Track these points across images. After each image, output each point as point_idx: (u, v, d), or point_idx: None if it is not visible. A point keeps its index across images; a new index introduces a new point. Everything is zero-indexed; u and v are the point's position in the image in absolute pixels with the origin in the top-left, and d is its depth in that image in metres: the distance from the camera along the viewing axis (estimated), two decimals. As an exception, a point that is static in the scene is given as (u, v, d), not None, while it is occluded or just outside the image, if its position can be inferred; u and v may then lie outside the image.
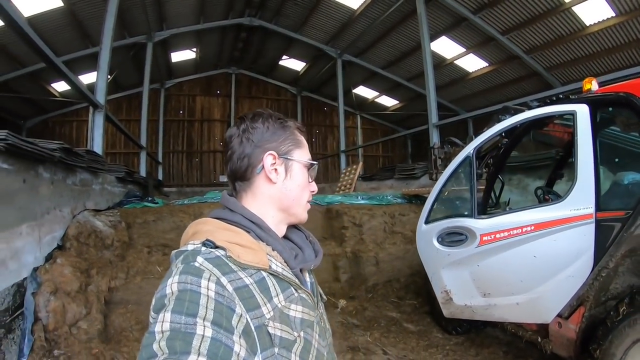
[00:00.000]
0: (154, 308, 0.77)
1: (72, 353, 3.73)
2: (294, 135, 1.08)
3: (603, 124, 3.13)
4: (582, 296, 2.94)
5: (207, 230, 0.93)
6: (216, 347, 0.68)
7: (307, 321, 0.96)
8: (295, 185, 1.06)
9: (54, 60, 5.55)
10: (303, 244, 1.14)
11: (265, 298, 0.87)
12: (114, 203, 7.35)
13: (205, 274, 0.79)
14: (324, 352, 1.02)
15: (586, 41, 11.14)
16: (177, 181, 18.11)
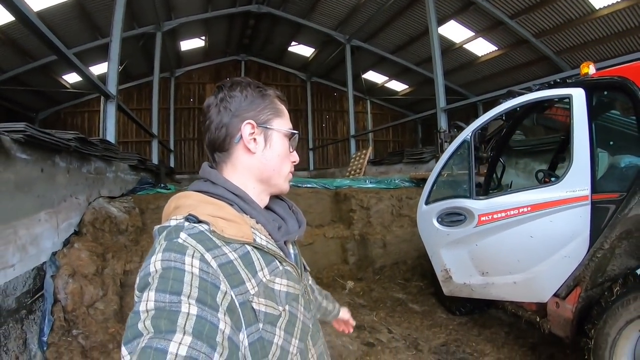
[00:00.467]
0: (138, 287, 0.76)
1: (89, 332, 3.88)
2: (273, 104, 1.05)
3: (599, 108, 3.16)
4: (578, 277, 3.02)
5: (190, 204, 0.91)
6: (201, 325, 0.68)
7: (292, 294, 0.95)
8: (275, 155, 1.03)
9: (66, 53, 5.65)
10: (286, 214, 1.12)
11: (250, 273, 0.86)
12: (127, 190, 7.49)
13: (189, 250, 0.78)
14: (309, 323, 1.01)
15: (596, 25, 10.96)
16: (189, 168, 18.26)
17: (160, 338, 0.63)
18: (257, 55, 19.35)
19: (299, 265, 1.08)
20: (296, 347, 0.92)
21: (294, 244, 1.13)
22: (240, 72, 19.34)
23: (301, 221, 1.14)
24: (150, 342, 0.63)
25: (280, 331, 0.88)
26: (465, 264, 3.79)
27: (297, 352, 0.92)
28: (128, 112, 9.57)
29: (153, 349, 0.62)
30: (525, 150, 7.36)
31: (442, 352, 4.05)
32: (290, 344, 0.91)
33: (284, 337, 0.89)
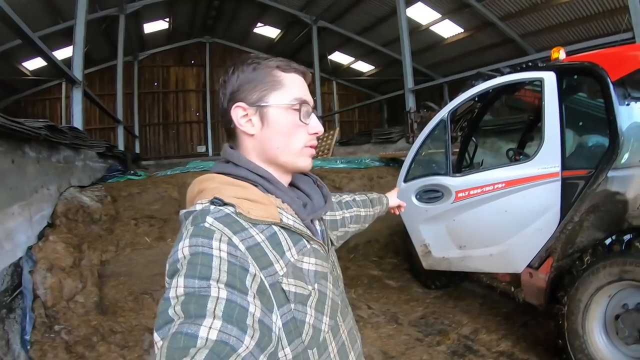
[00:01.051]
0: (167, 273, 0.76)
1: (72, 327, 3.82)
2: (268, 77, 0.98)
3: (568, 91, 3.32)
4: (550, 248, 3.22)
5: (214, 187, 0.90)
6: (231, 309, 0.67)
7: (320, 273, 0.94)
8: (275, 132, 0.97)
9: (31, 37, 5.42)
10: (311, 190, 1.10)
11: (278, 254, 0.85)
12: (96, 178, 7.35)
13: (216, 234, 0.77)
14: (338, 300, 1.00)
15: (560, 10, 11.33)
16: (155, 154, 17.91)
17: (190, 323, 0.64)
18: (222, 37, 18.97)
19: (326, 242, 1.07)
20: (327, 324, 0.92)
21: (320, 220, 1.12)
22: (204, 54, 18.97)
23: (327, 195, 1.13)
24: (180, 328, 0.63)
25: (311, 310, 0.88)
26: (444, 239, 3.96)
27: (328, 330, 0.92)
28: (94, 98, 9.27)
29: (184, 334, 0.62)
30: (492, 129, 7.62)
31: (422, 325, 4.24)
32: (321, 322, 0.90)
33: (315, 316, 0.89)
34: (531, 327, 3.91)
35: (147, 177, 8.14)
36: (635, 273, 2.59)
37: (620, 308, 2.77)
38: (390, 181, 8.27)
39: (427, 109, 9.17)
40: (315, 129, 1.03)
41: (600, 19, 10.95)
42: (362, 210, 1.55)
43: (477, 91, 3.75)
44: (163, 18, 15.68)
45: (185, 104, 19.07)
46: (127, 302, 4.52)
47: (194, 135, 19.33)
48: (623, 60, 2.86)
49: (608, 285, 2.76)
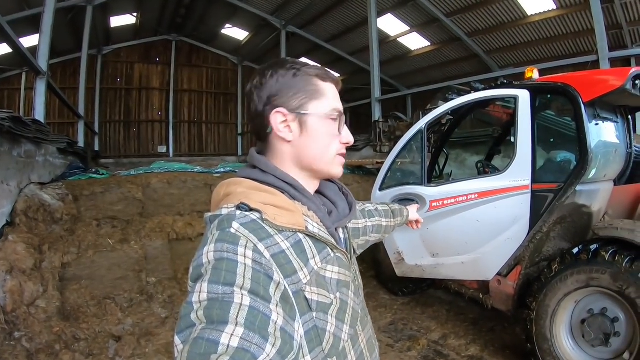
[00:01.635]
0: (191, 277, 0.76)
1: (33, 334, 3.69)
2: (309, 86, 0.98)
3: (541, 109, 3.54)
4: (519, 257, 3.40)
5: (241, 192, 0.90)
6: (254, 316, 0.67)
7: (343, 282, 0.94)
8: (313, 141, 0.98)
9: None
10: (336, 197, 1.10)
11: (302, 262, 0.85)
12: (56, 175, 7.04)
13: (242, 240, 0.77)
14: (358, 309, 1.00)
15: (526, 29, 11.72)
16: (115, 152, 17.23)
17: (212, 329, 0.64)
18: (189, 36, 18.56)
19: (348, 250, 1.08)
20: (347, 333, 0.92)
21: (344, 228, 1.12)
22: (170, 52, 18.50)
23: (352, 203, 1.13)
24: (202, 333, 0.64)
25: (332, 319, 0.88)
26: (417, 247, 4.09)
27: (348, 339, 0.93)
28: (57, 90, 8.87)
29: (205, 339, 0.63)
30: (458, 141, 7.89)
31: (392, 331, 4.35)
32: (342, 331, 0.91)
33: (336, 325, 0.89)
34: (498, 332, 4.09)
35: (110, 176, 7.87)
36: (601, 280, 2.80)
37: (586, 313, 2.98)
38: (356, 188, 8.38)
39: (396, 119, 9.41)
40: (346, 139, 1.05)
41: (565, 40, 11.47)
42: (383, 220, 1.55)
43: (455, 104, 3.90)
44: (131, 12, 15.16)
45: (148, 102, 18.48)
46: (89, 308, 4.41)
47: (155, 134, 18.76)
48: (594, 83, 3.07)
49: (575, 292, 2.97)
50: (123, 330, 4.20)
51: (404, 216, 1.74)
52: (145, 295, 4.96)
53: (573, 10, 10.29)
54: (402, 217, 1.72)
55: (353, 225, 1.34)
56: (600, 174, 3.35)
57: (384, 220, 1.56)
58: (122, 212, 6.45)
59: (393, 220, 1.63)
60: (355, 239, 1.34)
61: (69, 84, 14.94)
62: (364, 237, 1.42)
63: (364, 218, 1.44)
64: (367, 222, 1.45)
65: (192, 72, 19.47)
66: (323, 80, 1.01)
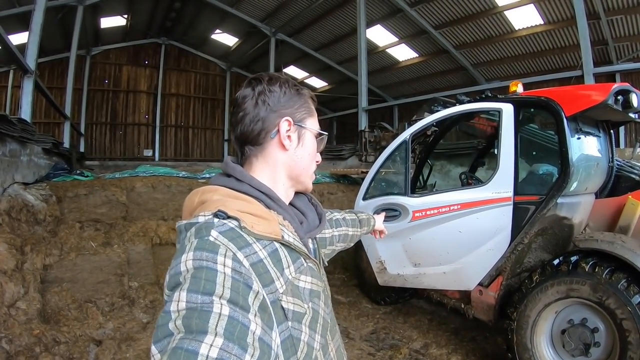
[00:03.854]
0: (168, 285, 0.75)
1: (13, 335, 3.63)
2: (307, 104, 1.06)
3: (524, 122, 3.62)
4: (500, 267, 3.46)
5: (217, 199, 0.89)
6: (233, 326, 0.67)
7: (315, 292, 0.95)
8: (306, 154, 1.05)
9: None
10: (306, 208, 1.13)
11: (278, 271, 0.85)
12: (40, 176, 6.98)
13: (221, 249, 0.77)
14: (328, 319, 1.01)
15: (513, 43, 11.98)
16: (100, 154, 17.03)
17: (191, 339, 0.63)
18: (179, 40, 18.55)
19: (319, 260, 1.10)
20: (319, 342, 0.93)
21: (314, 238, 1.14)
22: (159, 55, 18.45)
23: (321, 214, 1.15)
24: (181, 343, 0.63)
25: (305, 328, 0.89)
26: (399, 256, 4.12)
27: (319, 348, 0.93)
28: (45, 90, 8.76)
29: (184, 350, 0.62)
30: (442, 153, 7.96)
31: (373, 340, 4.35)
32: (314, 340, 0.91)
33: (309, 334, 0.90)
34: (479, 342, 4.13)
35: (94, 178, 7.80)
36: (581, 291, 2.86)
37: (567, 323, 3.03)
38: (341, 197, 8.42)
39: (382, 129, 9.47)
40: (319, 159, 1.13)
41: (551, 55, 11.70)
42: (350, 229, 1.59)
43: (440, 116, 3.95)
44: (121, 14, 15.07)
45: (135, 104, 18.36)
46: (70, 311, 4.34)
47: (141, 138, 18.62)
48: (577, 98, 3.16)
49: (555, 302, 3.02)
50: (104, 335, 4.14)
51: (371, 225, 1.80)
52: (126, 300, 4.89)
53: (560, 26, 10.55)
54: (368, 226, 1.77)
55: (320, 235, 1.36)
56: (582, 187, 3.43)
57: (351, 229, 1.60)
58: (106, 215, 6.39)
59: (360, 230, 1.68)
60: (322, 249, 1.36)
61: (57, 83, 14.79)
62: (330, 246, 1.47)
63: (331, 228, 1.49)
64: (334, 232, 1.49)
65: (180, 76, 19.45)
66: (313, 102, 1.09)
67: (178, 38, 18.38)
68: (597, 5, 9.08)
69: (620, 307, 2.70)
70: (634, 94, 3.14)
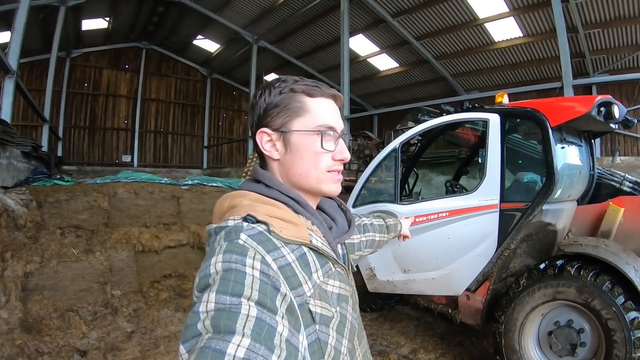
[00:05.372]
0: (197, 287, 0.76)
1: (-6, 346, 3.54)
2: (294, 103, 0.98)
3: (510, 132, 3.73)
4: (487, 272, 3.55)
5: (246, 204, 0.91)
6: (260, 328, 0.68)
7: (343, 296, 0.96)
8: (297, 159, 0.99)
9: None
10: (335, 213, 1.12)
11: (306, 275, 0.87)
12: (19, 180, 6.78)
13: (250, 252, 0.78)
14: (355, 324, 1.02)
15: (493, 55, 12.27)
16: (78, 159, 16.64)
17: (219, 339, 0.64)
18: (160, 45, 18.37)
19: (347, 265, 1.10)
20: (346, 347, 0.94)
21: (343, 243, 1.14)
22: (140, 60, 18.22)
23: (350, 219, 1.15)
24: (209, 343, 0.64)
25: (333, 332, 0.89)
26: (389, 263, 4.18)
27: (347, 352, 0.94)
28: (25, 91, 8.54)
29: (212, 349, 0.63)
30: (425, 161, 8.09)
31: (361, 345, 4.37)
32: (341, 345, 0.92)
33: (337, 338, 0.91)
34: (466, 346, 4.21)
35: (75, 183, 7.63)
36: (567, 293, 2.98)
37: (553, 325, 3.13)
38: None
39: (365, 138, 9.59)
40: (341, 155, 1.03)
41: (530, 67, 12.04)
42: (377, 235, 1.59)
43: (429, 125, 4.05)
44: (104, 16, 14.90)
45: (114, 109, 18.02)
46: (52, 320, 4.29)
47: (120, 143, 18.29)
48: (562, 109, 3.29)
49: (542, 305, 3.13)
50: (88, 345, 4.06)
51: (398, 231, 1.79)
52: (110, 309, 4.82)
53: (539, 39, 10.86)
54: (395, 231, 1.77)
55: (349, 241, 1.36)
56: (565, 194, 3.56)
57: (378, 235, 1.60)
58: (87, 222, 6.25)
59: (387, 235, 1.68)
60: (351, 254, 1.36)
61: (36, 85, 14.40)
62: (358, 252, 1.47)
63: (359, 233, 1.49)
64: (362, 237, 1.49)
65: (161, 81, 19.25)
66: (311, 96, 1.00)
67: (159, 43, 18.21)
68: (575, 19, 9.41)
69: (605, 308, 2.82)
70: (615, 105, 3.29)
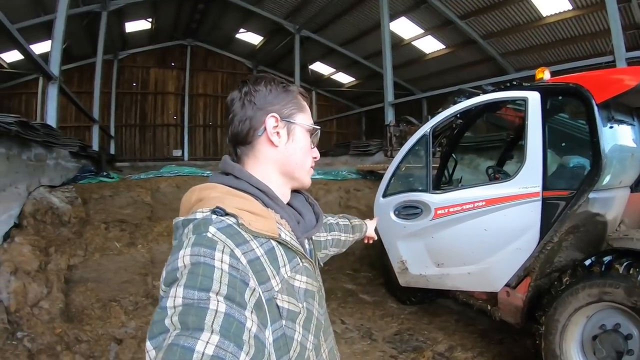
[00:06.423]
0: (165, 281, 0.74)
1: (35, 334, 3.69)
2: (296, 100, 1.06)
3: (552, 111, 3.37)
4: (528, 267, 3.23)
5: (215, 196, 0.89)
6: (229, 324, 0.66)
7: (309, 292, 0.95)
8: (298, 149, 1.04)
9: (9, 28, 5.26)
10: (303, 208, 1.13)
11: (274, 270, 0.85)
12: (67, 179, 7.13)
13: (219, 245, 0.76)
14: (322, 320, 1.02)
15: (542, 31, 11.56)
16: (130, 155, 17.40)
17: (187, 336, 0.62)
18: (204, 41, 18.76)
19: (315, 261, 1.10)
20: (312, 342, 0.93)
21: (309, 238, 1.13)
22: (186, 57, 18.70)
23: (318, 213, 1.15)
24: (177, 340, 0.62)
25: (299, 327, 0.88)
26: (422, 256, 3.94)
27: (312, 348, 0.93)
28: (70, 95, 9.01)
29: (180, 346, 0.61)
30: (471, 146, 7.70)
31: (396, 341, 4.20)
32: (307, 340, 0.91)
33: (303, 334, 0.89)
34: (508, 345, 3.92)
35: (120, 179, 7.93)
36: (615, 295, 2.62)
37: (598, 329, 2.79)
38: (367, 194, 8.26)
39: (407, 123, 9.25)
40: (316, 154, 1.12)
41: (581, 42, 11.26)
42: (342, 234, 1.59)
43: (461, 108, 3.76)
44: (146, 18, 15.38)
45: (163, 106, 18.72)
46: (94, 310, 4.38)
47: (170, 138, 18.96)
48: (608, 83, 2.90)
49: (587, 306, 2.79)
50: (125, 334, 4.16)
51: (363, 232, 1.80)
52: (150, 299, 4.92)
53: (589, 11, 10.13)
54: (361, 232, 1.78)
55: (315, 238, 1.34)
56: (616, 180, 3.16)
57: (343, 235, 1.61)
58: (131, 216, 6.46)
59: (352, 236, 1.68)
60: (317, 252, 1.34)
61: (86, 88, 15.07)
62: (324, 250, 1.47)
63: (325, 232, 1.49)
64: (328, 236, 1.50)
65: (208, 77, 19.67)
66: (303, 97, 1.10)
67: (203, 39, 18.56)
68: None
69: (658, 313, 2.46)
70: None
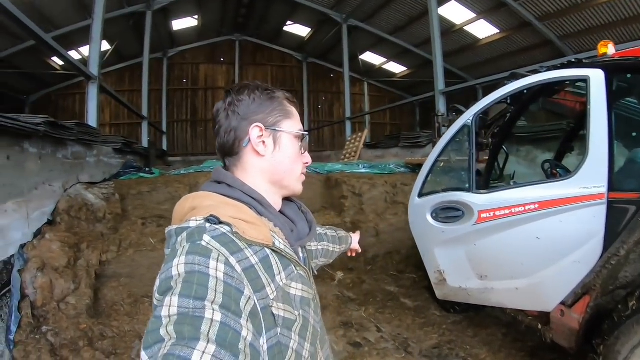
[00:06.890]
0: (159, 290, 0.74)
1: (60, 329, 3.71)
2: (282, 106, 1.05)
3: (620, 93, 2.82)
4: (588, 284, 2.70)
5: (209, 205, 0.90)
6: (225, 332, 0.66)
7: (305, 299, 0.96)
8: (286, 157, 1.03)
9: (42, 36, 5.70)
10: (296, 216, 1.12)
11: (269, 278, 0.86)
12: (111, 175, 7.31)
13: (214, 254, 0.77)
14: (318, 327, 1.02)
15: (602, 10, 10.73)
16: (182, 150, 18.13)
17: (183, 345, 0.62)
18: (253, 35, 19.02)
19: (309, 268, 1.10)
20: (308, 350, 0.93)
21: (303, 247, 1.13)
22: (235, 51, 19.06)
23: (311, 221, 1.14)
24: (172, 350, 0.61)
25: (295, 335, 0.88)
26: (462, 266, 3.47)
27: (308, 356, 0.93)
28: (112, 93, 9.41)
29: (176, 356, 0.60)
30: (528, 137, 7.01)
31: (434, 356, 3.78)
32: (303, 348, 0.91)
33: (298, 342, 0.89)
34: (559, 368, 3.38)
35: (160, 175, 7.99)
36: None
37: (668, 367, 2.24)
38: (416, 188, 7.85)
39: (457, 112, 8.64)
40: (307, 160, 1.11)
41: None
42: (331, 245, 1.58)
43: (508, 91, 3.25)
44: (191, 15, 15.75)
45: (214, 101, 19.05)
46: (124, 305, 4.39)
47: (221, 133, 19.40)
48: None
49: (656, 339, 2.24)
50: (151, 331, 4.10)
51: (348, 244, 1.78)
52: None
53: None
54: (346, 244, 1.76)
55: (307, 247, 1.30)
56: (702, 181, 2.57)
57: (331, 245, 1.60)
58: (169, 212, 6.33)
59: (339, 247, 1.67)
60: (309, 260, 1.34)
61: (137, 86, 15.76)
62: (315, 260, 1.46)
63: (315, 242, 1.47)
64: (318, 246, 1.49)
65: (257, 71, 19.94)
66: (290, 103, 1.08)
67: (252, 33, 18.80)
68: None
69: None
70: None
